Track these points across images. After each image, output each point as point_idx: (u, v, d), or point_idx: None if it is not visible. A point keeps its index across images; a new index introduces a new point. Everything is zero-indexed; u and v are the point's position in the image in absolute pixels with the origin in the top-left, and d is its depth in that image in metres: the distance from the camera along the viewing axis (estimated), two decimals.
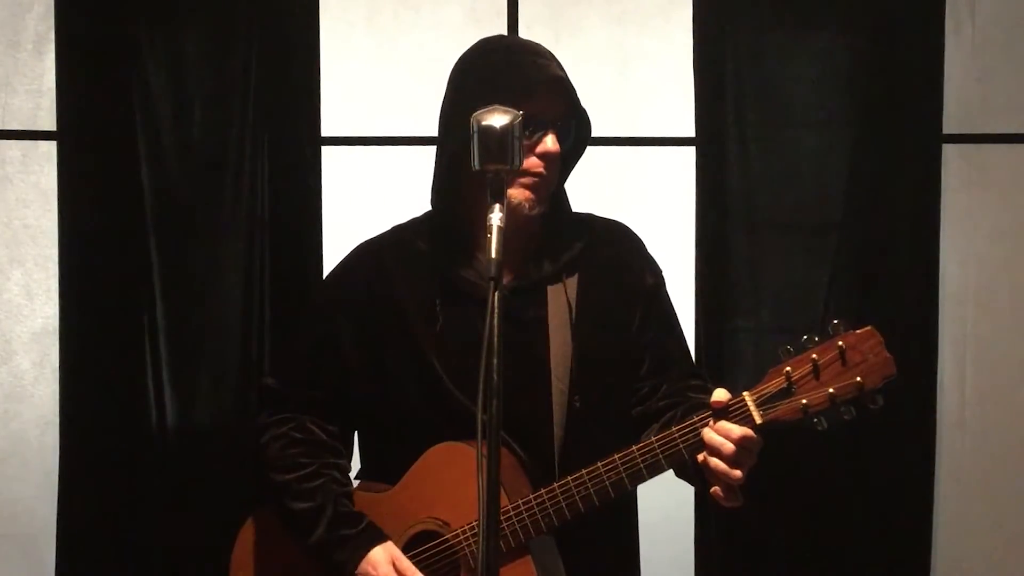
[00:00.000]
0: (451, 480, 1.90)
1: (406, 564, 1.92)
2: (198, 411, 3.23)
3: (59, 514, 3.21)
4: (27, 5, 3.28)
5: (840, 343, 1.76)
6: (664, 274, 2.11)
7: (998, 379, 3.38)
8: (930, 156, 3.28)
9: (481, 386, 1.49)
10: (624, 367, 2.01)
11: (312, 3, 3.25)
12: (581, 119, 1.98)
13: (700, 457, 1.80)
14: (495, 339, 1.48)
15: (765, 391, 1.78)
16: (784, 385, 1.77)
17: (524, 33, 3.25)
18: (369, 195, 3.25)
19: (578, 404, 1.95)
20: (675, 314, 2.12)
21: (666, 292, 2.10)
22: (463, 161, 1.85)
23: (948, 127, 3.29)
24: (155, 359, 3.21)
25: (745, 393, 1.80)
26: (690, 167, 3.29)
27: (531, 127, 1.88)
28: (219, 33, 3.23)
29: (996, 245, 3.38)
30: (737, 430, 1.76)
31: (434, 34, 3.25)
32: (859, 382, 1.75)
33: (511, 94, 1.82)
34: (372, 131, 3.34)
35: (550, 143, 1.91)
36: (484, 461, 1.48)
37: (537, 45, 2.02)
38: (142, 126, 3.21)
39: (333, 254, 2.62)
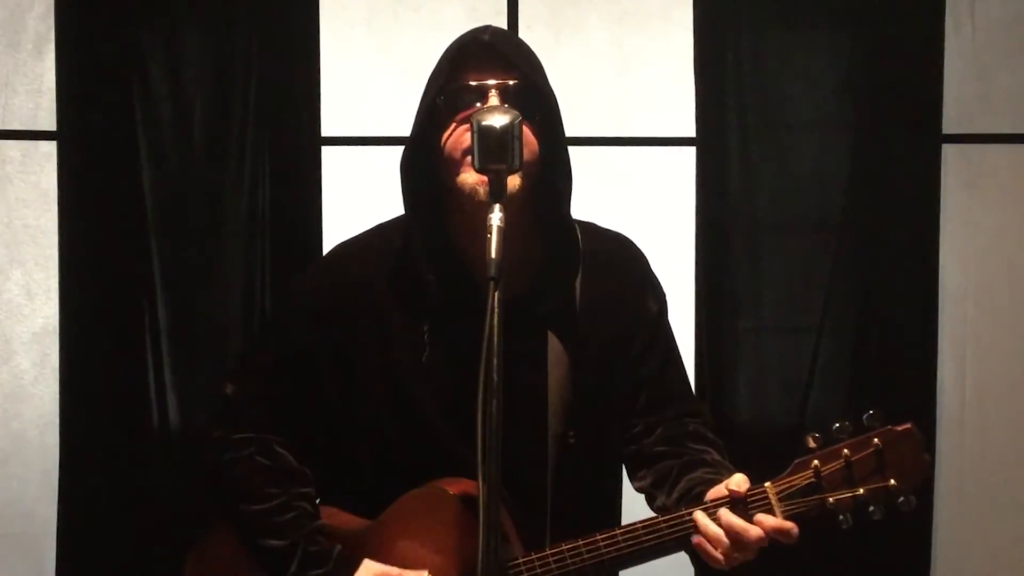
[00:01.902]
0: (428, 528, 1.78)
1: (395, 572, 1.79)
2: (198, 411, 3.23)
3: (59, 514, 3.22)
4: (27, 5, 3.28)
5: (876, 441, 1.64)
6: (663, 273, 1.98)
7: (998, 379, 3.38)
8: (930, 156, 3.28)
9: (481, 387, 1.45)
10: (621, 402, 1.88)
11: (312, 3, 3.25)
12: (540, 94, 1.77)
13: (695, 540, 1.69)
14: (495, 339, 1.46)
15: (791, 485, 1.66)
16: (811, 480, 1.65)
17: (524, 33, 3.25)
18: (369, 195, 3.24)
19: (572, 440, 1.82)
20: (676, 343, 1.97)
21: (668, 320, 1.96)
22: (440, 168, 1.78)
23: (948, 127, 3.29)
24: (155, 359, 3.21)
25: (767, 484, 1.67)
26: (690, 167, 3.29)
27: (466, 96, 1.74)
28: (219, 33, 3.23)
29: (996, 245, 3.38)
30: (753, 532, 1.64)
31: (434, 34, 3.26)
32: (893, 486, 1.63)
33: (443, 69, 1.76)
34: (372, 131, 3.34)
35: (493, 102, 1.72)
36: (483, 470, 1.45)
37: (499, 29, 1.86)
38: (142, 126, 3.21)
39: None
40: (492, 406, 1.45)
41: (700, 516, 1.67)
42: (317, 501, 1.92)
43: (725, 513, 1.66)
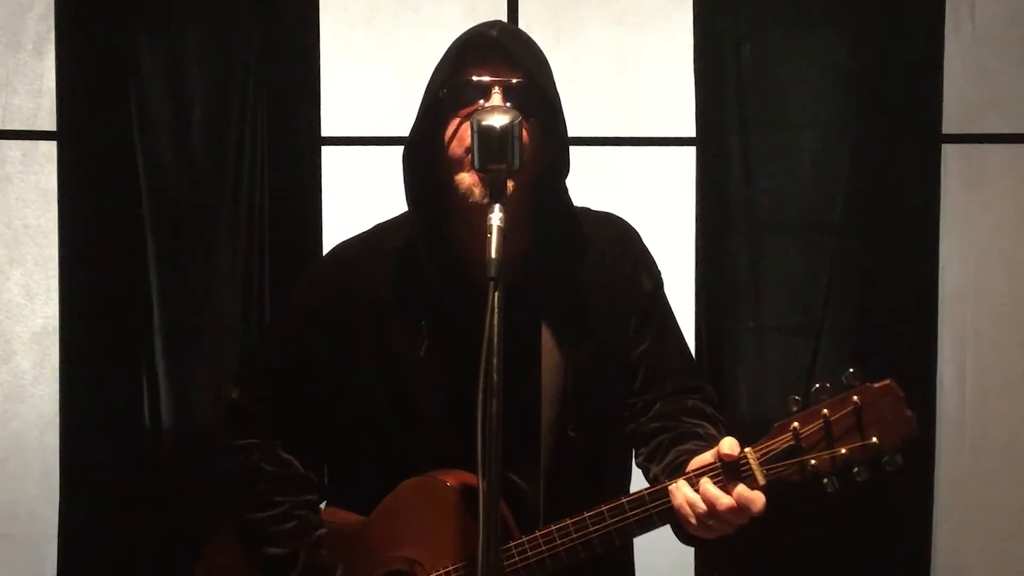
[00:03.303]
0: (425, 519, 1.78)
1: None
2: (197, 411, 3.23)
3: (60, 514, 3.22)
4: (27, 5, 3.28)
5: (855, 398, 1.59)
6: (663, 275, 1.96)
7: (998, 379, 3.38)
8: (930, 156, 3.28)
9: (481, 387, 1.45)
10: (620, 385, 1.87)
11: (312, 3, 3.25)
12: (544, 95, 1.76)
13: (676, 503, 1.68)
14: (495, 339, 1.46)
15: (771, 448, 1.63)
16: (791, 443, 1.61)
17: None
18: (369, 195, 3.25)
19: (572, 432, 1.81)
20: (673, 319, 1.95)
21: (664, 296, 1.94)
22: (442, 163, 1.77)
23: (948, 127, 3.29)
24: (155, 359, 3.21)
25: (748, 449, 1.64)
26: (690, 167, 3.30)
27: (468, 92, 1.73)
28: (219, 33, 3.23)
29: (996, 245, 3.38)
30: (724, 500, 1.61)
31: (434, 34, 3.26)
32: (875, 443, 1.58)
33: (447, 63, 1.75)
34: (372, 131, 3.34)
35: (495, 101, 1.72)
36: (483, 468, 1.45)
37: (508, 25, 1.87)
38: (142, 126, 3.21)
39: None
40: (492, 407, 1.45)
41: (681, 483, 1.66)
42: (322, 506, 1.92)
43: (704, 482, 1.64)
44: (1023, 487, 3.40)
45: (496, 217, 1.54)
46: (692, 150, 3.29)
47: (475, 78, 1.74)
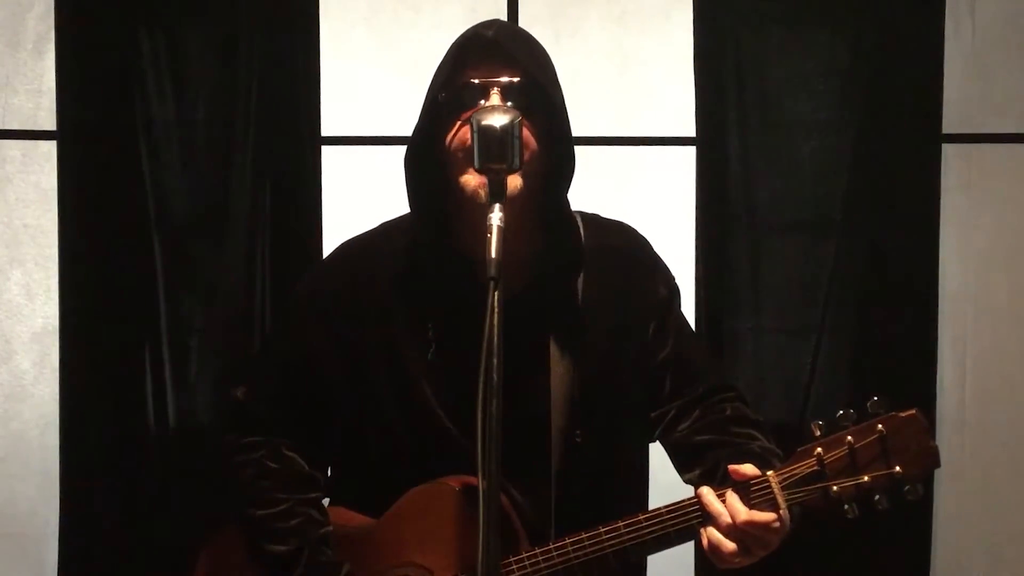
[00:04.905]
0: (434, 524, 1.78)
1: None
2: (198, 411, 3.24)
3: (60, 514, 3.22)
4: (27, 5, 3.28)
5: (880, 427, 1.60)
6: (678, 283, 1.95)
7: (998, 379, 3.38)
8: (930, 156, 3.28)
9: (481, 388, 1.44)
10: (634, 393, 1.85)
11: (312, 3, 3.25)
12: (545, 93, 1.74)
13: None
14: (495, 339, 1.45)
15: (793, 473, 1.63)
16: (815, 468, 1.62)
17: None
18: (369, 195, 3.24)
19: (579, 439, 1.80)
20: (689, 324, 1.96)
21: (679, 304, 1.93)
22: (445, 166, 1.76)
23: (948, 127, 3.29)
24: (155, 359, 3.21)
25: (770, 473, 1.64)
26: (690, 167, 3.30)
27: (468, 94, 1.72)
28: (219, 33, 3.23)
29: (996, 245, 3.38)
30: (743, 514, 1.62)
31: (434, 34, 3.26)
32: (898, 473, 1.60)
33: (447, 65, 1.75)
34: (372, 131, 3.34)
35: (495, 101, 1.70)
36: (483, 469, 1.45)
37: (506, 24, 1.87)
38: (142, 126, 3.21)
39: None
40: (492, 407, 1.45)
41: (706, 491, 1.66)
42: (326, 502, 1.92)
43: (731, 495, 1.65)
44: (1023, 487, 3.40)
45: (496, 217, 1.52)
46: (692, 150, 3.29)
47: (473, 80, 1.73)
